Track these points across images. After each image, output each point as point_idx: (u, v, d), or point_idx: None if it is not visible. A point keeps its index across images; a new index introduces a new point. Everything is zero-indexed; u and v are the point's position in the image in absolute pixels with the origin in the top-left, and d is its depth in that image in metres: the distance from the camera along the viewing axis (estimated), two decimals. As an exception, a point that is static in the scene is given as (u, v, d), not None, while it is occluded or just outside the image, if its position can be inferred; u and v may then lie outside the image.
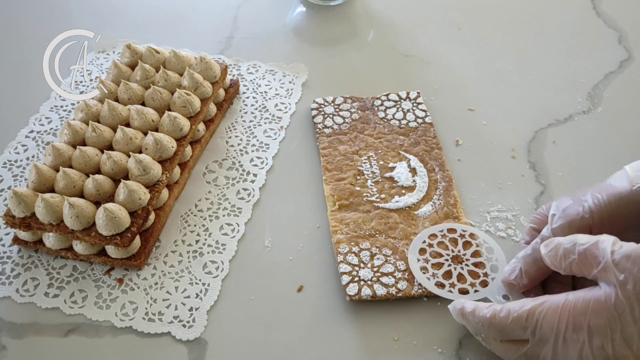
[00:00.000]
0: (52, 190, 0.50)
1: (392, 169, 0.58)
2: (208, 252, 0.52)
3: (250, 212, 0.55)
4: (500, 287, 0.47)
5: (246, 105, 0.65)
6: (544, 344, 0.39)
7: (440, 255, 0.50)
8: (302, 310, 0.49)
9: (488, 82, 0.69)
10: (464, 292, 0.48)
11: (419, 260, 0.50)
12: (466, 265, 0.49)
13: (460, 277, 0.49)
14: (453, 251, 0.50)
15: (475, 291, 0.47)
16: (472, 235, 0.51)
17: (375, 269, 0.49)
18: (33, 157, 0.60)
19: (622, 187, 0.43)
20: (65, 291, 0.49)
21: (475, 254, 0.50)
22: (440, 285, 0.48)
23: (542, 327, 0.39)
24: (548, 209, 0.46)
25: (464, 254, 0.50)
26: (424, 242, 0.51)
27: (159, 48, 0.63)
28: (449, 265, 0.49)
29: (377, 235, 0.52)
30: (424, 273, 0.49)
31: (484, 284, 0.48)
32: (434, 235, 0.51)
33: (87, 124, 0.55)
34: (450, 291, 0.47)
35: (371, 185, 0.56)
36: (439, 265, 0.49)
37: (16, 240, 0.52)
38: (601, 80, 0.68)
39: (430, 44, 0.74)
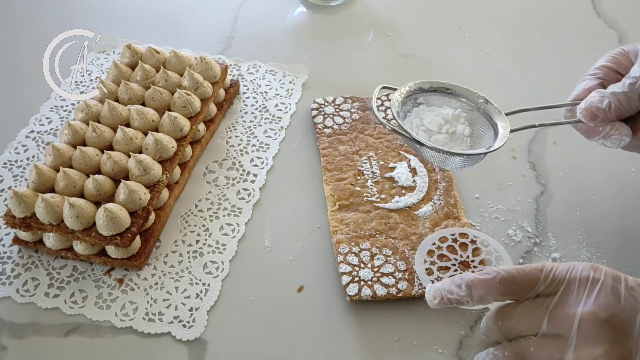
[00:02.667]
0: (53, 191, 0.50)
1: (392, 169, 0.58)
2: (208, 252, 0.52)
3: (250, 212, 0.55)
4: None
5: (246, 105, 0.65)
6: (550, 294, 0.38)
7: (448, 259, 0.50)
8: (302, 310, 0.49)
9: (488, 82, 0.69)
10: None
11: (425, 261, 0.50)
12: (472, 272, 0.49)
13: None
14: (462, 256, 0.50)
15: None
16: (483, 242, 0.51)
17: (375, 269, 0.49)
18: (33, 157, 0.60)
19: None
20: (65, 291, 0.49)
21: (484, 262, 0.50)
22: None
23: (558, 269, 0.38)
24: (630, 50, 0.47)
25: (472, 261, 0.50)
26: (434, 244, 0.51)
27: (159, 48, 0.63)
28: (455, 270, 0.49)
29: (377, 236, 0.52)
30: (429, 275, 0.49)
31: None
32: (444, 238, 0.51)
33: (88, 124, 0.55)
34: None
35: (371, 186, 0.56)
36: (445, 269, 0.49)
37: (16, 240, 0.52)
38: (601, 80, 0.68)
39: (430, 44, 0.74)
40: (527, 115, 0.50)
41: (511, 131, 0.47)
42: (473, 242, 0.51)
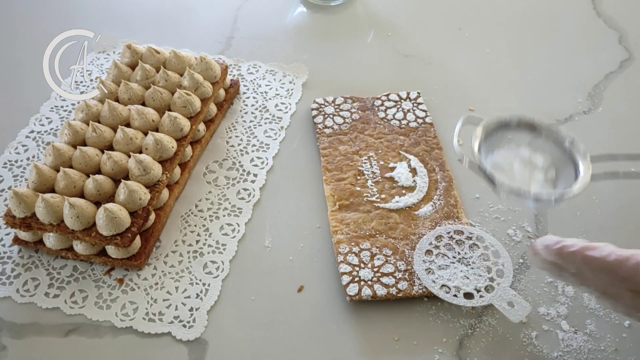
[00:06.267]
0: (53, 191, 0.50)
1: (393, 169, 0.58)
2: (208, 252, 0.52)
3: (250, 212, 0.55)
4: (506, 293, 0.47)
5: (246, 105, 0.65)
6: None
7: (447, 258, 0.50)
8: (302, 310, 0.49)
9: (488, 82, 0.69)
10: (469, 296, 0.47)
11: (424, 262, 0.50)
12: (472, 268, 0.49)
13: (466, 281, 0.49)
14: (459, 253, 0.50)
15: (481, 296, 0.47)
16: (479, 238, 0.51)
17: (375, 269, 0.49)
18: (33, 157, 0.60)
19: None
20: (65, 291, 0.49)
21: (482, 257, 0.50)
22: (446, 289, 0.48)
23: None
24: None
25: (470, 257, 0.50)
26: (430, 243, 0.51)
27: (159, 48, 0.63)
28: (455, 268, 0.49)
29: (377, 236, 0.52)
30: (429, 274, 0.49)
31: (490, 288, 0.48)
32: (440, 237, 0.51)
33: (88, 124, 0.55)
34: (455, 295, 0.47)
35: (371, 186, 0.56)
36: (444, 268, 0.49)
37: (16, 240, 0.52)
38: (601, 80, 0.68)
39: (430, 44, 0.74)
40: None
41: (592, 178, 0.45)
42: (469, 238, 0.51)
